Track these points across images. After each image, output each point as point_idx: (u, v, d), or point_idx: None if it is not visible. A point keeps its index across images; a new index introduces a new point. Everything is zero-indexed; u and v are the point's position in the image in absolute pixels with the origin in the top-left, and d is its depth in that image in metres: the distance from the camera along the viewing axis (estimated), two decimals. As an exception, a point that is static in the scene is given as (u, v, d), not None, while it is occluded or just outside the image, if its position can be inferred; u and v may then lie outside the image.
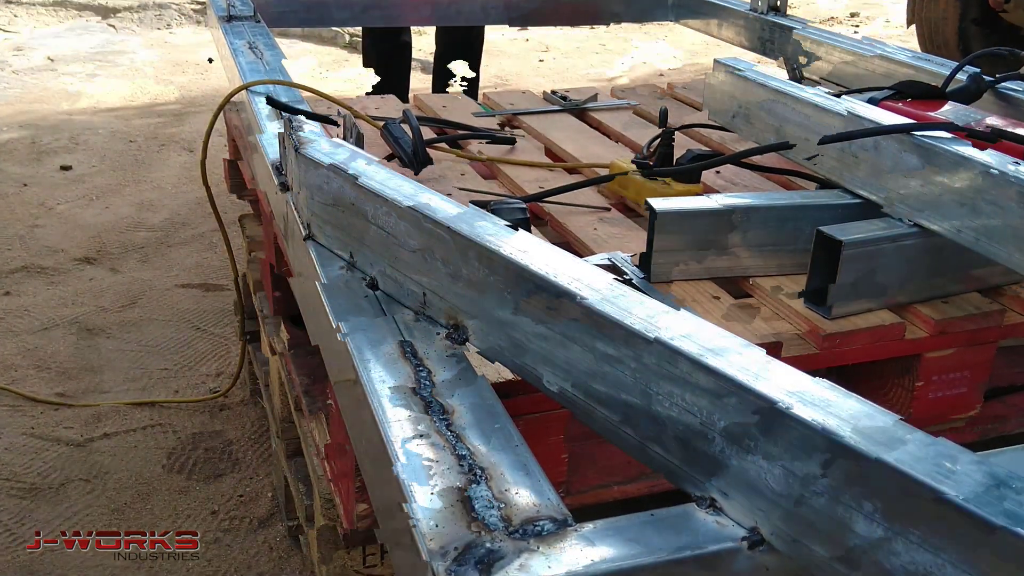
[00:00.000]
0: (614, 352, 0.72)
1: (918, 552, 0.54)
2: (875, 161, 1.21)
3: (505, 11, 2.60)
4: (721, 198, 1.23)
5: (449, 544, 0.60)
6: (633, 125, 1.85)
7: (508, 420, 0.75)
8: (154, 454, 1.92)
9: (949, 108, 1.40)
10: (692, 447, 0.67)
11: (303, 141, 1.06)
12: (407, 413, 0.75)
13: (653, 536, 0.61)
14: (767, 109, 1.41)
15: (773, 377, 0.64)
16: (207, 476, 1.86)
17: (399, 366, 0.82)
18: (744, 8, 2.36)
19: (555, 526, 0.62)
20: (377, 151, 1.61)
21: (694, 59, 5.20)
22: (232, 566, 1.63)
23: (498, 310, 0.83)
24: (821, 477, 0.59)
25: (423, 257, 0.91)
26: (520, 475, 0.67)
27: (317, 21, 2.70)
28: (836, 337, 1.10)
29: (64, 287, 2.60)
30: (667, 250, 1.18)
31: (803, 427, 0.59)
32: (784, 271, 1.22)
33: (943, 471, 0.54)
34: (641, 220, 1.40)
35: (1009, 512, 0.51)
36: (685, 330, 0.70)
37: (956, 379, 1.17)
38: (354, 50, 5.34)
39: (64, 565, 1.61)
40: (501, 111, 1.92)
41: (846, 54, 1.91)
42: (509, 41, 5.59)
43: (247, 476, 1.86)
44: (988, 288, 1.21)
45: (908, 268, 1.15)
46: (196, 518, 1.74)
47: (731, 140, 1.70)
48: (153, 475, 1.85)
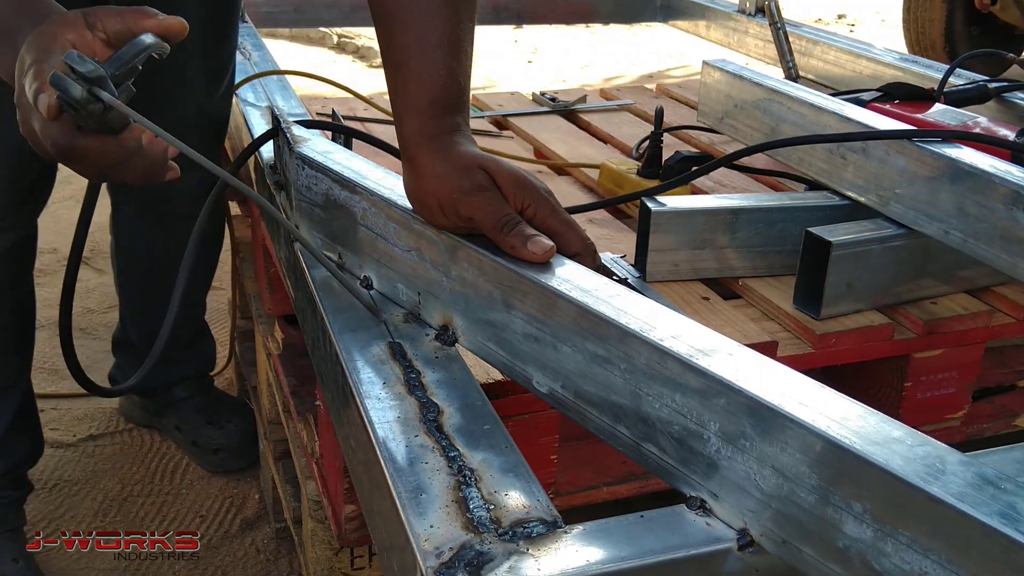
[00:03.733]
0: (604, 353, 0.72)
1: (907, 552, 0.54)
2: (863, 162, 1.21)
3: (493, 12, 2.60)
4: (712, 199, 1.24)
5: (444, 544, 0.59)
6: (623, 126, 1.85)
7: (498, 421, 0.75)
8: (140, 456, 1.91)
9: (939, 109, 1.40)
10: (685, 447, 0.67)
11: (297, 140, 1.06)
12: (396, 414, 0.75)
13: (643, 537, 0.61)
14: (762, 108, 1.41)
15: (763, 377, 0.64)
16: (195, 478, 1.85)
17: (389, 367, 0.82)
18: (731, 9, 2.37)
19: (545, 528, 0.62)
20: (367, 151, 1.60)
21: (682, 61, 5.21)
22: (220, 568, 1.62)
23: (488, 311, 0.83)
24: (810, 478, 0.59)
25: (413, 258, 0.91)
26: (510, 477, 0.67)
27: (305, 21, 2.70)
28: (831, 337, 1.10)
29: (52, 288, 2.58)
30: (662, 249, 1.19)
31: (793, 427, 0.59)
32: (773, 272, 1.22)
33: (932, 471, 0.54)
34: (630, 222, 1.40)
35: (998, 512, 0.51)
36: (675, 331, 0.70)
37: (944, 380, 1.18)
38: (342, 51, 5.33)
39: (64, 565, 1.60)
40: (490, 112, 1.92)
41: (842, 54, 1.92)
42: (497, 42, 5.59)
43: (235, 478, 1.85)
44: (976, 289, 1.22)
45: (897, 269, 1.16)
46: (184, 520, 1.73)
47: (721, 142, 1.70)
48: (139, 477, 1.85)
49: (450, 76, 0.88)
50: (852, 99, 1.43)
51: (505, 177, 0.84)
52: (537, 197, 0.84)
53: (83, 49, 0.77)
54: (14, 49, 0.80)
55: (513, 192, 0.84)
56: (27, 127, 0.78)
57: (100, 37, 0.79)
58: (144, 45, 0.79)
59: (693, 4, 2.55)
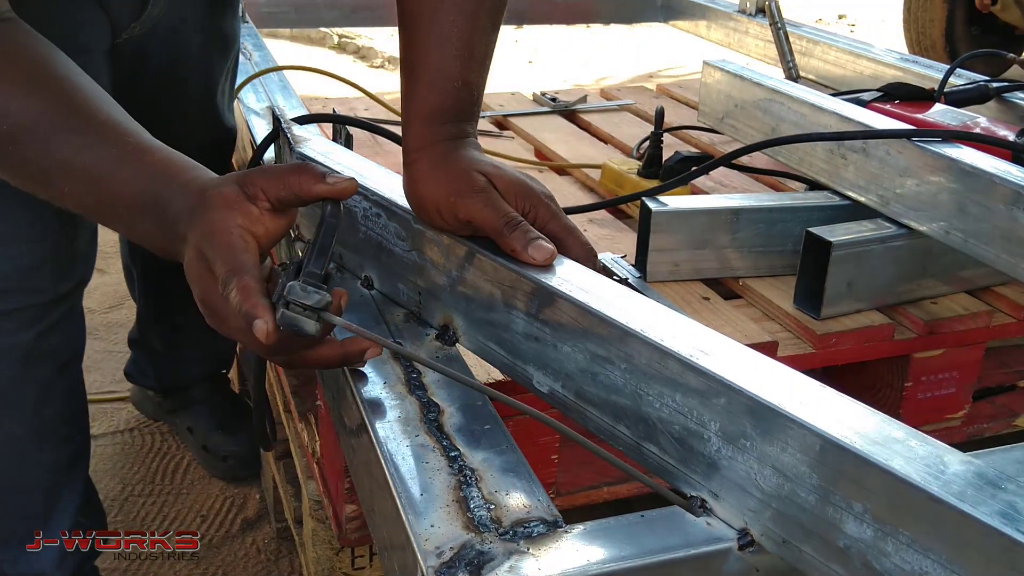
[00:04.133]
0: (604, 352, 0.72)
1: (908, 552, 0.54)
2: (864, 163, 1.21)
3: (495, 12, 2.60)
4: (713, 199, 1.24)
5: (445, 544, 0.59)
6: (623, 126, 1.85)
7: (498, 421, 0.75)
8: (141, 455, 1.91)
9: (939, 109, 1.41)
10: (685, 447, 0.67)
11: (298, 140, 1.06)
12: (397, 414, 0.75)
13: (643, 537, 0.61)
14: (763, 108, 1.41)
15: (763, 377, 0.64)
16: (196, 478, 1.85)
17: (389, 367, 0.82)
18: (732, 9, 2.37)
19: (546, 528, 0.62)
20: (368, 151, 1.60)
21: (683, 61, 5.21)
22: (221, 568, 1.62)
23: (488, 311, 0.83)
24: (811, 477, 0.59)
25: (414, 258, 0.91)
26: (510, 476, 0.67)
27: (306, 22, 2.70)
28: (832, 337, 1.10)
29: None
30: (663, 249, 1.19)
31: (793, 427, 0.59)
32: (774, 272, 1.22)
33: (933, 471, 0.54)
34: (631, 222, 1.40)
35: (999, 512, 0.51)
36: (676, 330, 0.70)
37: (945, 380, 1.18)
38: (342, 51, 5.33)
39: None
40: (490, 112, 1.92)
41: (843, 54, 1.92)
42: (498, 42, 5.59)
43: (236, 477, 1.85)
44: (976, 289, 1.22)
45: (897, 269, 1.16)
46: (185, 520, 1.73)
47: (721, 142, 1.70)
48: (140, 477, 1.85)
49: (464, 88, 0.87)
50: (852, 99, 1.43)
51: (506, 181, 0.84)
52: (538, 202, 0.83)
53: (254, 229, 0.74)
54: (159, 220, 0.78)
55: (514, 196, 0.83)
56: (225, 329, 0.76)
57: (264, 207, 0.76)
58: (333, 226, 0.74)
59: (693, 4, 2.55)
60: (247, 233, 0.74)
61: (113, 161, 0.80)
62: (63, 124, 0.80)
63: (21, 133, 0.80)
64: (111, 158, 0.80)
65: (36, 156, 0.80)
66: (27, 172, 0.83)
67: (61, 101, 0.82)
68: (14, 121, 0.80)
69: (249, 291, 0.70)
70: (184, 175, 0.80)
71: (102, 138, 0.81)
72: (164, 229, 0.78)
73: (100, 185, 0.80)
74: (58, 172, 0.80)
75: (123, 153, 0.80)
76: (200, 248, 0.74)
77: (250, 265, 0.72)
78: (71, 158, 0.80)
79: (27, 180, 0.84)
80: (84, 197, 0.81)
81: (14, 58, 0.82)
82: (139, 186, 0.79)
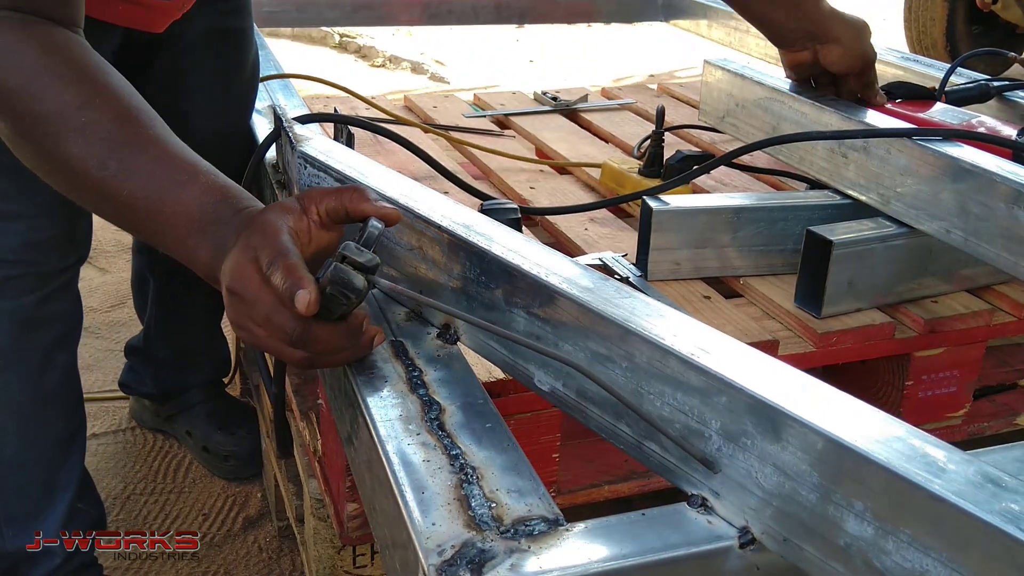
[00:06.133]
0: (605, 351, 0.72)
1: (909, 550, 0.54)
2: (865, 161, 1.21)
3: (495, 11, 2.60)
4: (714, 197, 1.24)
5: (446, 542, 0.60)
6: (624, 125, 1.85)
7: (499, 420, 0.75)
8: (143, 454, 1.91)
9: (940, 108, 1.40)
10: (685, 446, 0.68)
11: (299, 139, 1.06)
12: (398, 412, 0.75)
13: (644, 535, 0.61)
14: (764, 107, 1.41)
15: (764, 376, 0.64)
16: (197, 476, 1.85)
17: (391, 365, 0.82)
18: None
19: (547, 526, 0.62)
20: (368, 151, 1.61)
21: (684, 60, 5.21)
22: (222, 566, 1.62)
23: (489, 309, 0.83)
24: (811, 476, 0.59)
25: (415, 256, 0.91)
26: (511, 475, 0.67)
27: (307, 21, 2.70)
28: (832, 335, 1.10)
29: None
30: (663, 248, 1.19)
31: (794, 425, 0.60)
32: (775, 271, 1.22)
33: (934, 469, 0.55)
34: (632, 221, 1.40)
35: (1000, 510, 0.51)
36: (677, 329, 0.70)
37: (946, 378, 1.18)
38: (344, 50, 5.33)
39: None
40: (491, 111, 1.92)
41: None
42: (499, 42, 5.60)
43: (237, 476, 1.85)
44: (977, 288, 1.22)
45: (898, 268, 1.16)
46: (187, 519, 1.74)
47: (722, 141, 1.70)
48: (142, 476, 1.85)
49: None
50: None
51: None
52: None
53: (299, 235, 0.79)
54: (211, 241, 0.81)
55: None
56: (256, 329, 0.77)
57: (313, 220, 0.81)
58: (379, 230, 0.78)
59: (695, 3, 2.54)
60: (296, 233, 0.79)
61: (173, 181, 0.83)
62: (123, 138, 0.84)
63: (81, 140, 0.83)
64: (171, 178, 0.83)
65: (92, 167, 0.83)
66: (76, 182, 0.86)
67: (119, 115, 0.85)
68: (75, 125, 0.83)
69: (294, 268, 0.74)
70: (241, 202, 0.83)
71: (161, 155, 0.84)
72: (216, 244, 0.81)
73: (160, 201, 0.83)
74: (112, 183, 0.83)
75: (182, 173, 0.84)
76: (249, 241, 0.77)
77: (296, 253, 0.76)
78: (131, 171, 0.83)
79: (70, 185, 0.87)
80: (134, 211, 0.84)
81: (80, 67, 0.86)
82: (199, 205, 0.82)
